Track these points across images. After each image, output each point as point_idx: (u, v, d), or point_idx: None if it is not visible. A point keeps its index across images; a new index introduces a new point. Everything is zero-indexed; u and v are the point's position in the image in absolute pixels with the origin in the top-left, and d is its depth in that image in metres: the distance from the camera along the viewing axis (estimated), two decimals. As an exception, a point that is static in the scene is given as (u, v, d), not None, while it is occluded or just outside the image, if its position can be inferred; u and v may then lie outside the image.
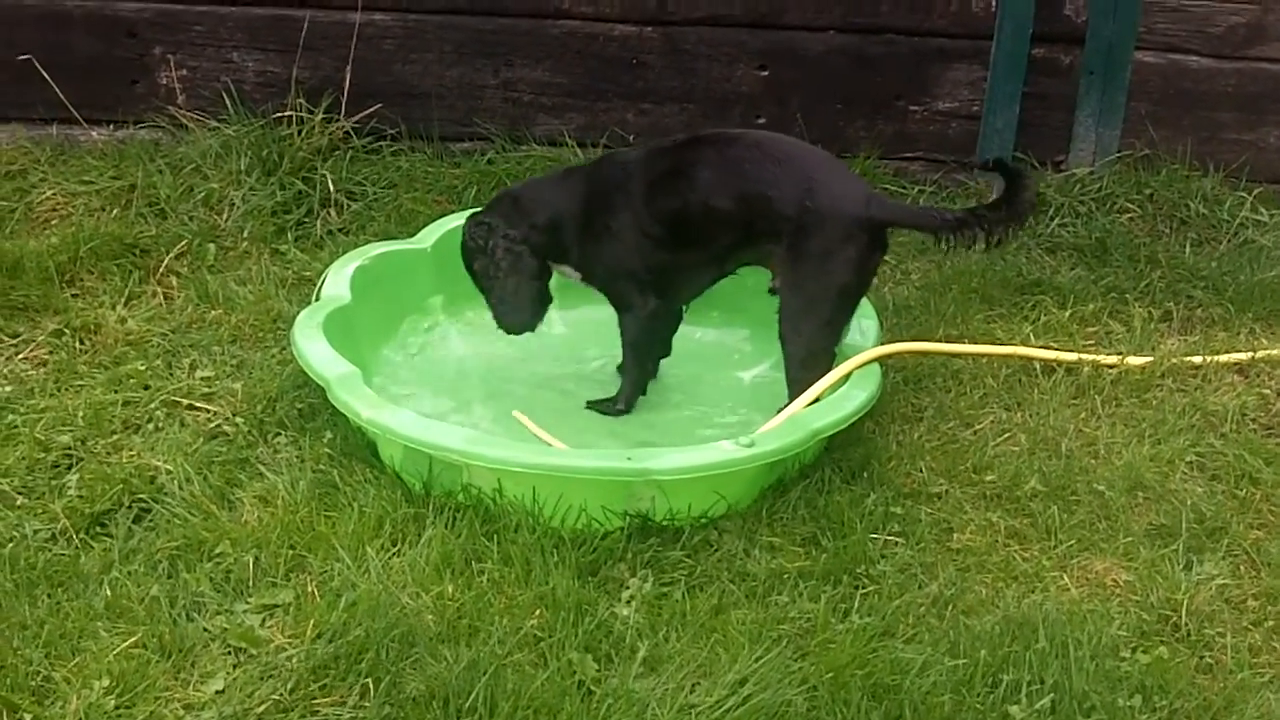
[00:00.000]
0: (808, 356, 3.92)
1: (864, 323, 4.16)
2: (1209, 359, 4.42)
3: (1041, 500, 3.77)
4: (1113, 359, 4.33)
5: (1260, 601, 3.46)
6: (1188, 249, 5.13)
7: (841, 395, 3.83)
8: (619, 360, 4.24)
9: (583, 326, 4.53)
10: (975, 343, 4.46)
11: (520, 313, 4.13)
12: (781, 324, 3.95)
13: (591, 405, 4.20)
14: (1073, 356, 4.34)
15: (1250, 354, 4.47)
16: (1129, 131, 5.40)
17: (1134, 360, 4.33)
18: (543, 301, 4.15)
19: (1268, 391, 4.32)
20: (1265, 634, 3.36)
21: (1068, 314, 4.67)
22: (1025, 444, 3.99)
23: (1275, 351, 4.49)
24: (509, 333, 4.18)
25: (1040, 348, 4.40)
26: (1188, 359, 4.41)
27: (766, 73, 5.45)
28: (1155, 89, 5.42)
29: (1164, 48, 5.41)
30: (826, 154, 4.13)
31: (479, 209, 4.22)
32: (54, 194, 5.05)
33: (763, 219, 3.89)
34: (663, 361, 4.32)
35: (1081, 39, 5.31)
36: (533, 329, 4.18)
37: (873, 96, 5.48)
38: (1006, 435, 4.04)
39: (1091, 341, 4.57)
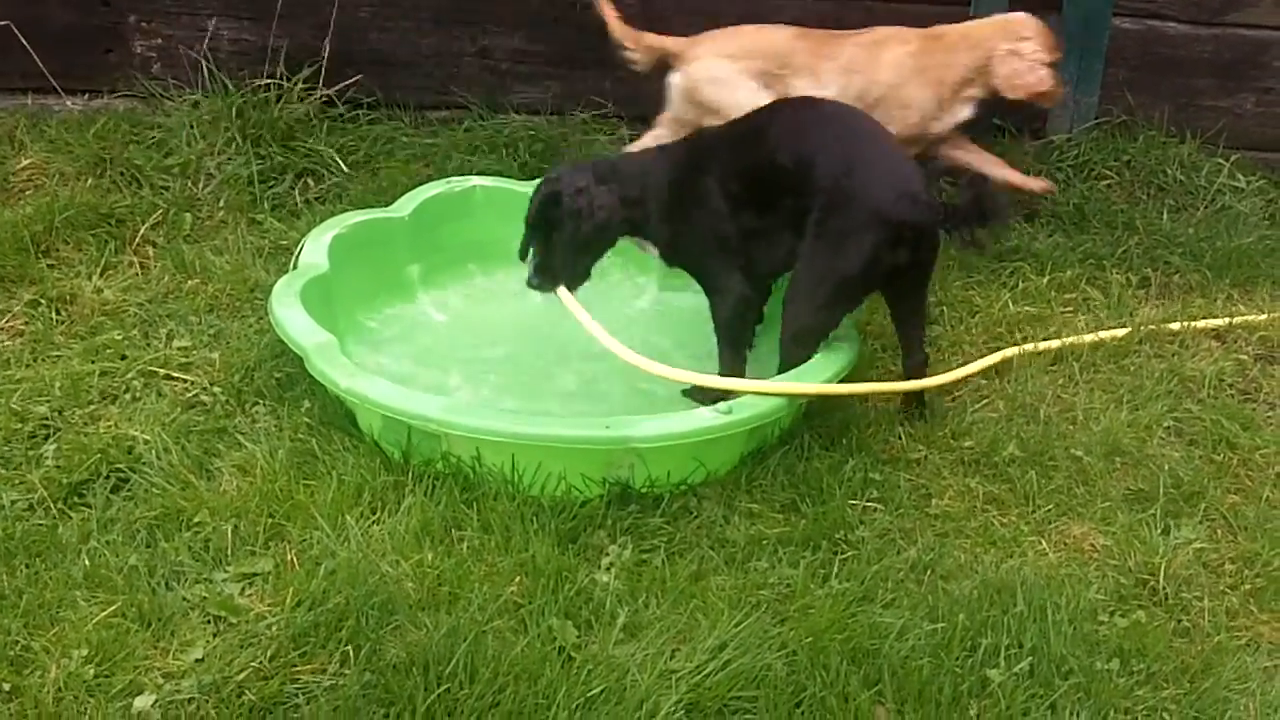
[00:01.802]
0: (800, 332, 3.85)
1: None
2: (1186, 325, 4.44)
3: (1019, 466, 3.78)
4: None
5: (1237, 565, 3.49)
6: (1165, 215, 5.15)
7: (819, 360, 3.82)
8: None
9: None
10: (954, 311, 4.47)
11: (574, 274, 4.00)
12: (786, 291, 3.88)
13: (688, 394, 3.99)
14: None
15: (1227, 320, 4.50)
16: (1107, 98, 5.41)
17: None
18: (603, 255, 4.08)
19: (1244, 357, 4.34)
20: (1242, 597, 3.39)
21: (1045, 280, 4.68)
22: (1003, 410, 4.01)
23: (1252, 317, 4.51)
24: (540, 289, 3.99)
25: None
26: (1165, 325, 4.43)
27: (745, 40, 5.43)
28: (1133, 55, 5.43)
29: (1142, 14, 5.42)
30: (893, 139, 4.07)
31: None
32: (29, 164, 5.01)
33: (806, 184, 3.83)
34: (643, 330, 4.28)
35: (1059, 5, 5.30)
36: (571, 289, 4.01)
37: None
38: (985, 401, 4.05)
39: (1070, 308, 4.57)
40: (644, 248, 4.21)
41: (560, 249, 3.95)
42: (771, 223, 3.97)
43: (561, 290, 3.93)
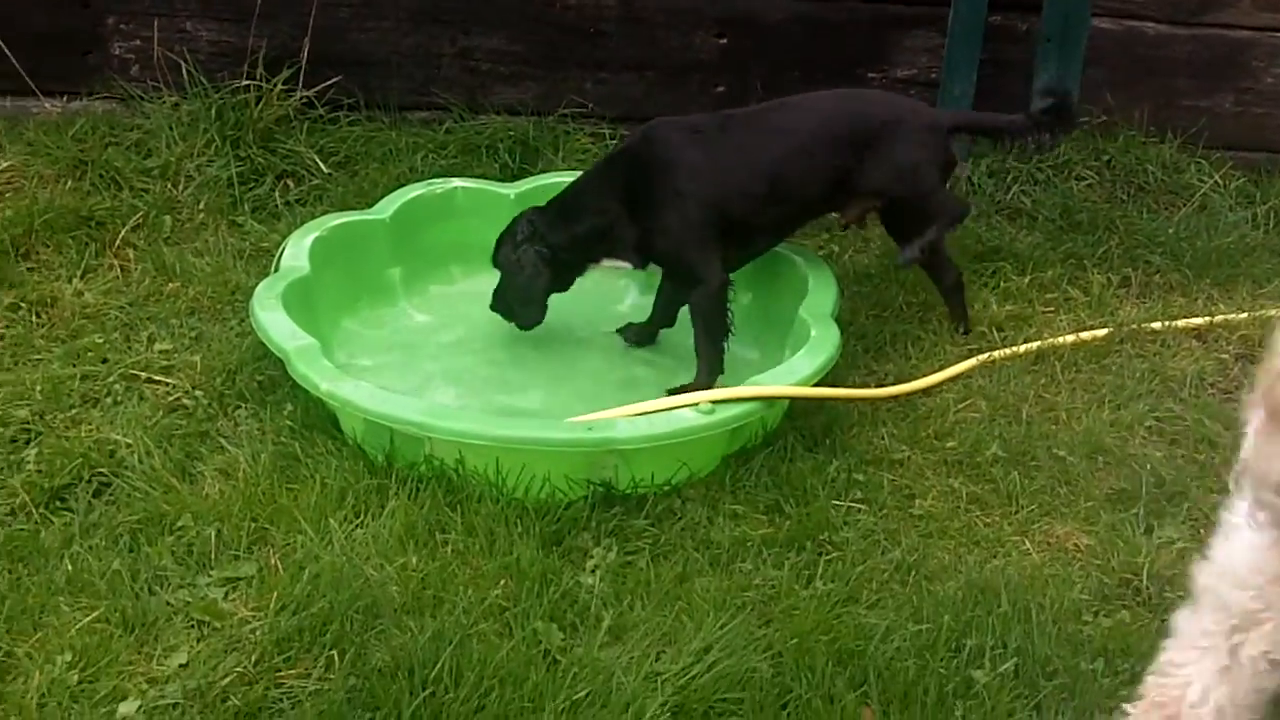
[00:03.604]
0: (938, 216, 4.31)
1: (823, 289, 4.16)
2: (1167, 324, 4.45)
3: (1002, 466, 3.79)
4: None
5: (1219, 564, 3.49)
6: (1145, 215, 5.16)
7: (800, 358, 3.83)
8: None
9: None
10: (936, 312, 4.48)
11: (512, 310, 4.26)
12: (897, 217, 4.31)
13: (673, 393, 3.93)
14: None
15: (1208, 319, 4.50)
16: (1086, 98, 5.41)
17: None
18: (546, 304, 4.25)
19: (1225, 356, 4.36)
20: (1225, 596, 3.39)
21: (1027, 280, 4.69)
22: (986, 410, 4.01)
23: (1232, 316, 4.52)
24: (496, 311, 4.29)
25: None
26: (1146, 324, 4.44)
27: (725, 41, 5.44)
28: (1112, 56, 5.44)
29: (1120, 14, 5.43)
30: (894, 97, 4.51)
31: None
32: (8, 166, 4.97)
33: (860, 144, 4.17)
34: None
35: (1038, 5, 5.31)
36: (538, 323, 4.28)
37: (832, 64, 5.46)
38: (967, 402, 4.05)
39: (1051, 308, 4.58)
40: (612, 266, 4.27)
41: (499, 292, 4.22)
42: (782, 212, 4.21)
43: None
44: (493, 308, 4.26)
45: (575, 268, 4.23)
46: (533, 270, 4.13)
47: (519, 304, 4.22)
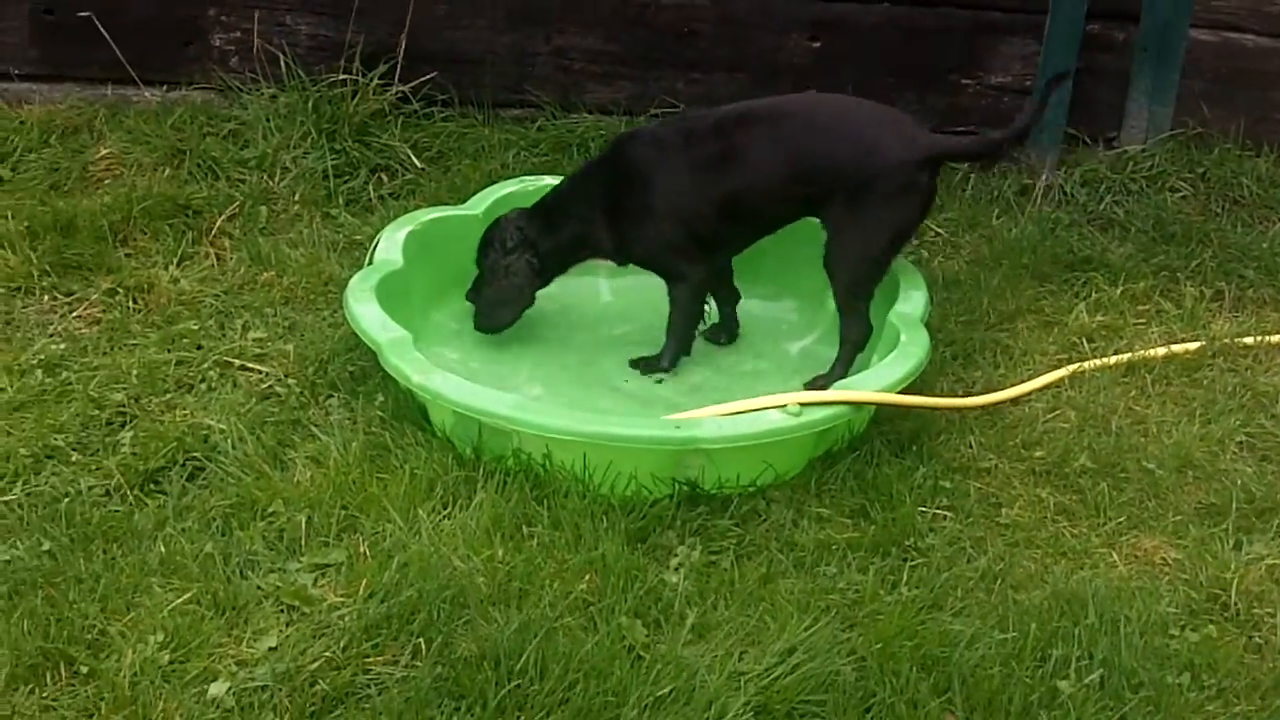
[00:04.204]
0: (858, 287, 4.05)
1: (913, 294, 4.15)
2: (1260, 339, 4.41)
3: (1090, 477, 3.77)
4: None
5: (1309, 582, 3.46)
6: (1239, 229, 5.11)
7: (888, 364, 3.83)
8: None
9: (628, 294, 4.55)
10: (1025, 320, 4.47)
11: (491, 318, 4.30)
12: (831, 262, 4.04)
13: (635, 364, 4.23)
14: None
15: (1302, 335, 4.45)
16: (1182, 109, 5.38)
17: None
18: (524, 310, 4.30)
19: (1318, 372, 4.31)
20: (1314, 615, 3.36)
21: (1119, 291, 4.66)
22: (1075, 421, 3.99)
23: (1326, 333, 4.47)
24: (481, 329, 4.32)
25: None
26: (1239, 339, 4.40)
27: (818, 44, 5.44)
28: (1209, 67, 5.40)
29: (1219, 25, 5.39)
30: (870, 104, 4.19)
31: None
32: (108, 154, 5.06)
33: (820, 186, 3.99)
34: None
35: (1136, 15, 5.28)
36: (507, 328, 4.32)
37: (925, 69, 5.46)
38: (1056, 412, 4.03)
39: (1143, 320, 4.55)
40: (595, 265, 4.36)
41: (483, 298, 4.29)
42: (748, 229, 4.19)
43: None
44: (469, 298, 4.32)
45: (560, 269, 4.30)
46: (523, 280, 4.21)
47: (499, 307, 4.27)
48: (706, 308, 4.28)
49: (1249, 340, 4.40)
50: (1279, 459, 3.91)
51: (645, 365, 4.23)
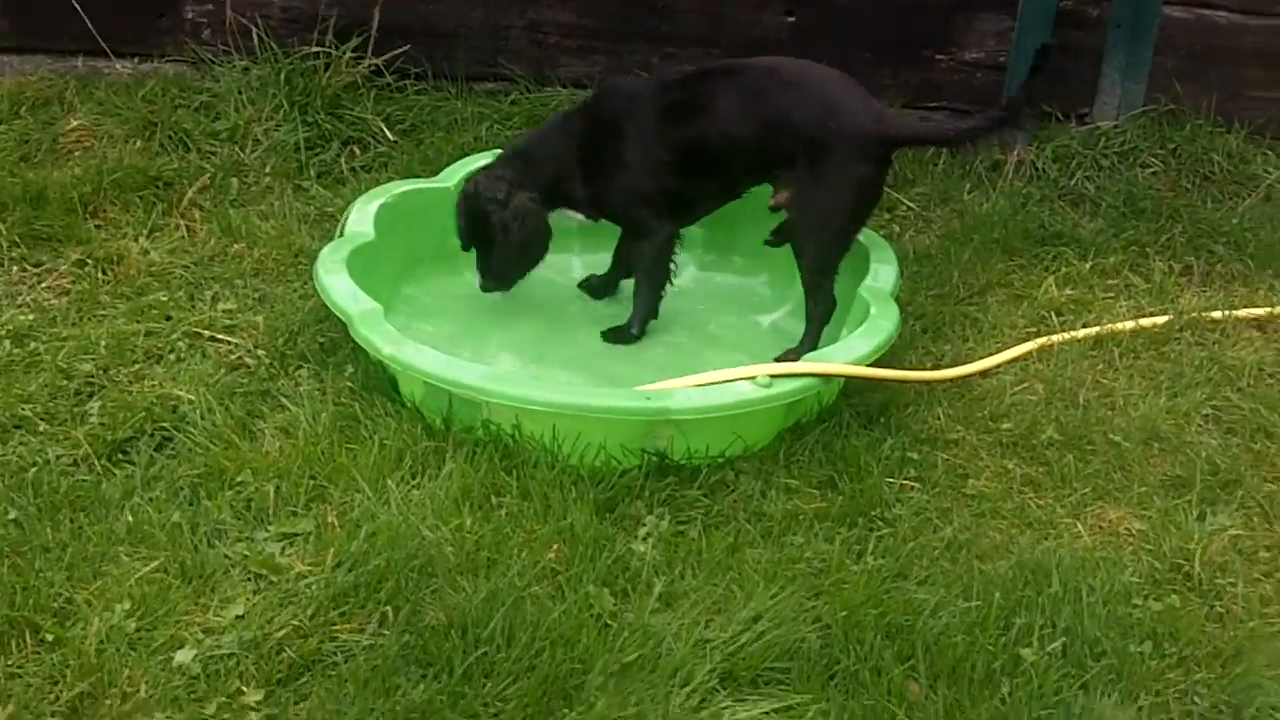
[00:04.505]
0: (824, 263, 4.06)
1: (884, 268, 4.16)
2: (1228, 314, 4.43)
3: (1057, 449, 3.79)
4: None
5: (1272, 553, 3.49)
6: (1209, 204, 5.13)
7: (858, 337, 3.84)
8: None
9: (600, 270, 4.53)
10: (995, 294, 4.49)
11: (519, 270, 4.28)
12: (796, 236, 4.08)
13: (606, 335, 4.26)
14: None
15: (1269, 309, 4.49)
16: (1154, 86, 5.40)
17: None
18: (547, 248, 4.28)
19: (1286, 347, 4.33)
20: (1276, 585, 3.39)
21: (1088, 266, 4.68)
22: (1042, 393, 4.01)
23: (1294, 307, 4.49)
24: (490, 290, 4.29)
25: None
26: (1207, 313, 4.42)
27: (793, 18, 5.44)
28: (1182, 44, 5.41)
29: (1192, 2, 5.40)
30: (838, 73, 4.17)
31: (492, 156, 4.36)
32: (78, 125, 5.04)
33: (783, 143, 4.01)
34: (681, 305, 4.37)
35: (1111, -9, 5.30)
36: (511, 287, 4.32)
37: (899, 45, 5.47)
38: (1024, 384, 4.05)
39: (1111, 294, 4.57)
40: (566, 217, 4.31)
41: (499, 259, 4.22)
42: (712, 183, 4.21)
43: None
44: (484, 289, 4.29)
45: (549, 209, 4.27)
46: (537, 219, 4.17)
47: (522, 254, 4.23)
48: (672, 266, 4.26)
49: (1217, 314, 4.42)
50: (1244, 432, 3.93)
51: (615, 335, 4.25)
